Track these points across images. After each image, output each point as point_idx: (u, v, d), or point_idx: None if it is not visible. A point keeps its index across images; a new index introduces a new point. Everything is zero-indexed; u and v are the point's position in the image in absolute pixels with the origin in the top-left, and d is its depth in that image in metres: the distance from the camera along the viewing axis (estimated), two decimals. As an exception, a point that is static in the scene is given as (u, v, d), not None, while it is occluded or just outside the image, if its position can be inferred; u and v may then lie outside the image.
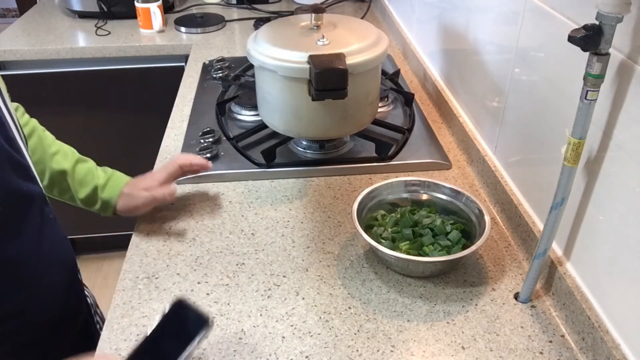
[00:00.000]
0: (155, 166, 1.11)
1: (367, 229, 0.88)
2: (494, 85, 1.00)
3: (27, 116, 0.91)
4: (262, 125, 1.14)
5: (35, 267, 0.72)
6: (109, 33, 1.82)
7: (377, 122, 1.16)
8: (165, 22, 1.85)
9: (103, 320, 0.95)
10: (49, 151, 0.89)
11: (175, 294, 0.81)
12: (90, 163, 0.95)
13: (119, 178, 0.94)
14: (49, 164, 0.89)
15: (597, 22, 0.59)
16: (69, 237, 0.84)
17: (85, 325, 0.89)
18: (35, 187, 0.73)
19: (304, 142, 1.14)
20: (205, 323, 0.56)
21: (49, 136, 0.92)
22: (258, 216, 0.97)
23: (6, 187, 0.67)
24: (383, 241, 0.85)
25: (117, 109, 1.86)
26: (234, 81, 1.39)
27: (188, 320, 0.56)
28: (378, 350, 0.72)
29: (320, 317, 0.77)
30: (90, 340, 0.87)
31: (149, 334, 0.56)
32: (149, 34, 1.82)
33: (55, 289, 0.78)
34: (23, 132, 0.76)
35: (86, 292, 0.93)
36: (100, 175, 0.93)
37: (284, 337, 0.74)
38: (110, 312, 0.78)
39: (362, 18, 1.87)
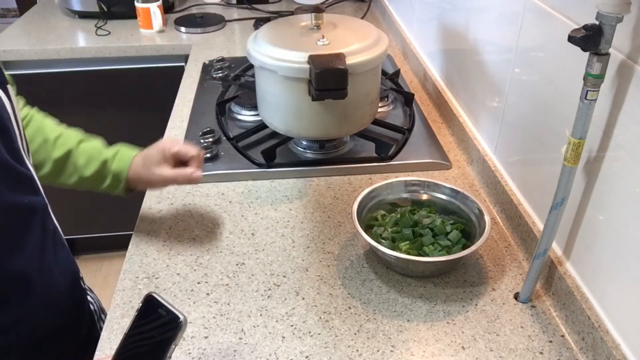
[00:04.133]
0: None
1: (367, 229, 0.88)
2: (494, 85, 1.00)
3: (27, 108, 0.87)
4: (262, 125, 1.14)
5: (35, 279, 0.71)
6: (109, 33, 1.82)
7: (377, 122, 1.16)
8: (165, 22, 1.85)
9: None
10: (50, 137, 0.85)
11: (175, 294, 0.81)
12: (97, 141, 0.90)
13: (128, 150, 0.90)
14: (51, 150, 0.85)
15: (597, 22, 0.59)
16: (69, 237, 0.83)
17: (89, 333, 0.88)
18: (38, 199, 0.72)
19: (304, 142, 1.14)
20: (178, 319, 0.55)
21: (49, 123, 0.88)
22: (258, 216, 0.97)
23: (5, 201, 0.66)
24: (383, 241, 0.85)
25: (117, 109, 1.86)
26: (234, 81, 1.39)
27: (162, 317, 0.55)
28: (378, 350, 0.72)
29: (320, 317, 0.77)
30: (93, 349, 0.87)
31: (127, 331, 0.56)
32: (149, 34, 1.82)
33: (56, 299, 0.77)
34: (27, 142, 0.75)
35: (90, 298, 0.91)
36: (109, 150, 0.89)
37: (284, 337, 0.74)
38: (110, 312, 0.78)
39: (362, 18, 1.87)
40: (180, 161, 0.88)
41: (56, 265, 0.76)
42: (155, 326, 0.55)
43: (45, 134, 0.86)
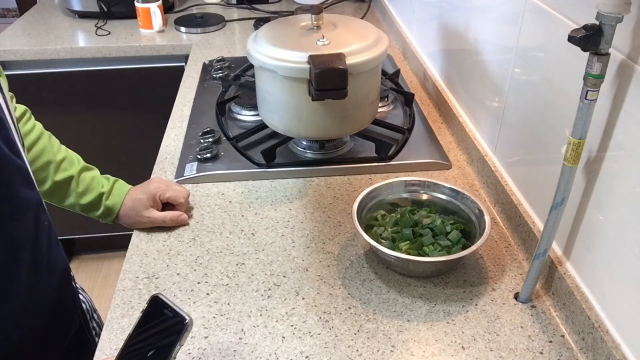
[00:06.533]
0: (155, 166, 1.11)
1: (367, 229, 0.88)
2: (494, 85, 1.00)
3: (33, 120, 0.90)
4: (262, 125, 1.14)
5: (26, 276, 0.71)
6: (109, 33, 1.82)
7: (377, 122, 1.16)
8: (165, 22, 1.85)
9: (100, 326, 0.94)
10: (56, 158, 0.90)
11: (175, 294, 0.81)
12: (96, 171, 0.96)
13: (123, 186, 0.96)
14: (55, 171, 0.89)
15: (597, 22, 0.59)
16: (69, 237, 0.84)
17: (80, 332, 0.88)
18: (33, 193, 0.72)
19: (304, 142, 1.14)
20: (184, 320, 0.55)
21: (56, 142, 0.92)
22: (258, 216, 0.97)
23: (5, 193, 0.66)
24: (383, 241, 0.85)
25: (117, 109, 1.86)
26: (234, 81, 1.39)
27: (167, 318, 0.55)
28: (378, 350, 0.72)
29: (320, 317, 0.77)
30: (83, 348, 0.86)
31: (131, 331, 0.56)
32: (149, 34, 1.82)
33: (45, 296, 0.76)
34: (21, 135, 0.75)
35: (82, 297, 0.92)
36: (105, 182, 0.94)
37: (284, 337, 0.74)
38: (110, 312, 0.78)
39: (362, 18, 1.87)
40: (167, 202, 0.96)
41: (48, 262, 0.76)
42: (161, 327, 0.55)
43: (51, 155, 0.90)
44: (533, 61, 0.85)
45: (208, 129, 1.17)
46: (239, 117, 1.26)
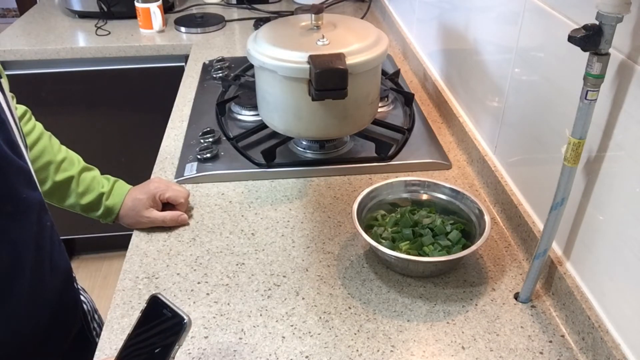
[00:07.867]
0: (155, 166, 1.11)
1: (367, 229, 0.88)
2: (494, 85, 1.00)
3: (33, 121, 0.90)
4: (262, 125, 1.14)
5: (28, 277, 0.71)
6: (109, 33, 1.82)
7: (377, 122, 1.16)
8: (165, 22, 1.85)
9: (101, 326, 0.94)
10: (56, 158, 0.90)
11: (175, 294, 0.81)
12: (96, 171, 0.96)
13: (123, 186, 0.96)
14: (55, 172, 0.89)
15: (597, 22, 0.59)
16: (69, 237, 0.84)
17: (81, 333, 0.88)
18: (35, 194, 0.72)
19: (304, 142, 1.14)
20: (182, 320, 0.55)
21: (56, 143, 0.93)
22: (258, 216, 0.97)
23: (8, 194, 0.66)
24: (383, 241, 0.85)
25: (117, 109, 1.86)
26: (234, 81, 1.39)
27: (167, 318, 0.55)
28: (378, 350, 0.72)
29: (320, 317, 0.77)
30: (84, 349, 0.86)
31: (131, 331, 0.56)
32: (149, 34, 1.82)
33: (47, 296, 0.76)
34: (24, 136, 0.75)
35: (83, 298, 0.92)
36: (105, 183, 0.95)
37: (284, 337, 0.74)
38: (110, 312, 0.78)
39: (362, 18, 1.87)
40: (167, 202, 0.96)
41: (51, 263, 0.76)
42: (160, 327, 0.55)
43: (51, 156, 0.90)
44: (533, 61, 0.85)
45: (208, 129, 1.17)
46: (239, 117, 1.26)
